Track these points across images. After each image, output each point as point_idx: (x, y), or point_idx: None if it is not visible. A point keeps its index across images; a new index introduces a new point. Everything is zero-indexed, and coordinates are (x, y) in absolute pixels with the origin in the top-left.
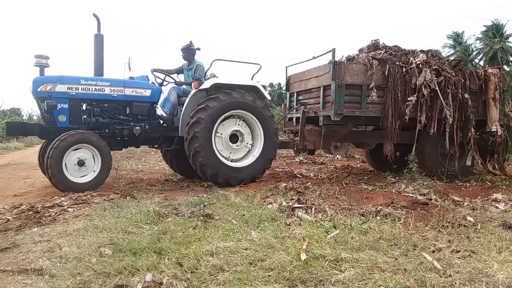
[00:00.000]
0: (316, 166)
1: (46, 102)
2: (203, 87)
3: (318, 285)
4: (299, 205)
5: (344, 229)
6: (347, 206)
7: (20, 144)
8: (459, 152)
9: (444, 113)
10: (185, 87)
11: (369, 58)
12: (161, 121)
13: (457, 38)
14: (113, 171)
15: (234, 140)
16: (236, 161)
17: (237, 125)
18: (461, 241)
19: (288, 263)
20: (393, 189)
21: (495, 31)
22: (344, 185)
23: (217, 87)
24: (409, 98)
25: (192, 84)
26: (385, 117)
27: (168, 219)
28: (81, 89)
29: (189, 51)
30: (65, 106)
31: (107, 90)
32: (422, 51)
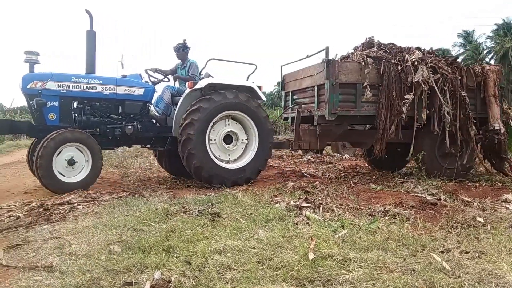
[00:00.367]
0: (324, 165)
1: (36, 100)
2: (198, 87)
3: (326, 285)
4: (307, 205)
5: (352, 229)
6: (355, 206)
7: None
8: (459, 151)
9: (443, 111)
10: (179, 87)
11: (364, 56)
12: (154, 121)
13: (467, 37)
14: (122, 169)
15: (229, 142)
16: (232, 162)
17: (228, 125)
18: (471, 242)
19: (296, 263)
20: (402, 189)
21: (506, 30)
22: (352, 185)
23: (212, 87)
24: (406, 96)
25: (186, 84)
26: (378, 116)
27: (177, 217)
28: (72, 87)
29: (183, 50)
30: (55, 104)
31: (99, 88)
32: (418, 49)
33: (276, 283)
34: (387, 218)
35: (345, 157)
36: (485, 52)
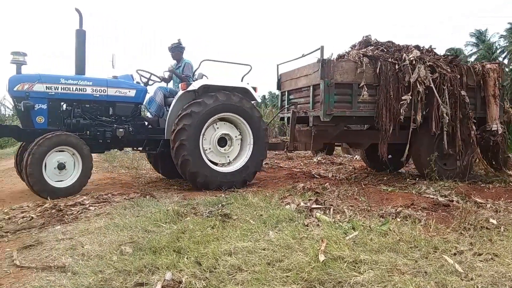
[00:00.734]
0: (334, 167)
1: (23, 103)
2: (191, 89)
3: (337, 287)
4: (317, 206)
5: (363, 231)
6: (366, 207)
7: None
8: (458, 152)
9: (441, 111)
10: (172, 88)
11: (360, 55)
12: (146, 123)
13: (480, 36)
14: (133, 170)
15: (223, 144)
16: (233, 162)
17: (217, 129)
18: (484, 244)
19: (306, 264)
20: (413, 190)
21: None
22: (363, 186)
23: (206, 89)
24: (403, 97)
25: (179, 85)
26: (379, 117)
27: (187, 219)
28: (61, 89)
29: (178, 50)
30: (44, 107)
31: (89, 90)
32: (417, 47)
33: (287, 285)
34: (399, 220)
35: (356, 158)
36: (499, 52)
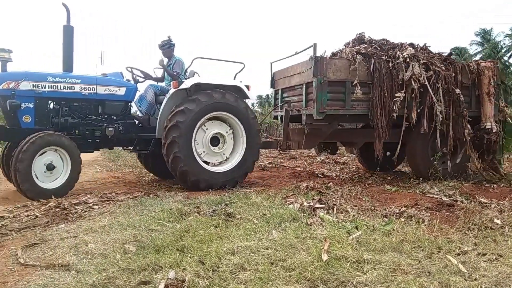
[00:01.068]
0: (338, 166)
1: (9, 102)
2: (183, 87)
3: (340, 286)
4: (321, 205)
5: (367, 230)
6: (370, 207)
7: None
8: (452, 151)
9: (435, 110)
10: (163, 85)
11: (353, 53)
12: (137, 121)
13: (485, 35)
14: (137, 170)
15: (216, 143)
16: (230, 158)
17: (206, 130)
18: (488, 244)
19: (310, 264)
20: (417, 190)
21: None
22: (367, 186)
23: (198, 87)
24: (397, 95)
25: (171, 83)
26: (374, 115)
27: (190, 218)
28: (48, 87)
29: (169, 47)
30: (30, 106)
31: (77, 88)
32: (411, 45)
33: (290, 284)
34: (402, 220)
35: None
36: (504, 51)
